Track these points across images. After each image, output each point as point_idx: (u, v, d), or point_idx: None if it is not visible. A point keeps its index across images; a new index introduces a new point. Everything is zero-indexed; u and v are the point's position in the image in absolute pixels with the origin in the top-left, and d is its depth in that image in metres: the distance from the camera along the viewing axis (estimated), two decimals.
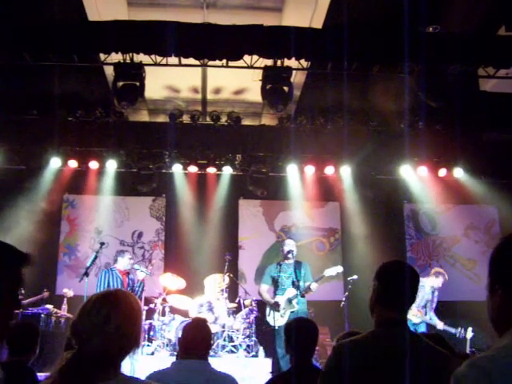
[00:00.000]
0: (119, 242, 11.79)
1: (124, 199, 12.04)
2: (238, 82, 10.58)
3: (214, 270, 9.87)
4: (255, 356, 8.87)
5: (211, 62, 8.48)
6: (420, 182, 11.64)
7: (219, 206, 11.93)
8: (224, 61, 8.36)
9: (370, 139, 10.77)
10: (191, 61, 8.37)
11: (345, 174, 11.39)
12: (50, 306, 9.72)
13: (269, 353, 8.90)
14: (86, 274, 8.17)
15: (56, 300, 10.29)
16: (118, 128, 10.75)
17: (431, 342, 2.86)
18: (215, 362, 5.14)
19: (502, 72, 8.65)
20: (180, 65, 8.57)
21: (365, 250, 11.52)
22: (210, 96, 11.23)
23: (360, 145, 10.79)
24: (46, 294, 10.15)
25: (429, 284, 9.33)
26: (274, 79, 8.57)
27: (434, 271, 9.56)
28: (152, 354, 8.71)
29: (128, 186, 11.56)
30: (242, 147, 11.19)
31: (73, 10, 8.25)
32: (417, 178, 11.56)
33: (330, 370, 2.73)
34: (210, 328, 4.10)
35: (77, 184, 11.61)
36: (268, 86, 8.60)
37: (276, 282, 8.75)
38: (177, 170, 11.45)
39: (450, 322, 10.04)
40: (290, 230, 12.20)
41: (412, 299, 2.86)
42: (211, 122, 10.89)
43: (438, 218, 12.47)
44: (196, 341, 3.89)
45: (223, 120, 10.88)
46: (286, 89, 8.60)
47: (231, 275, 9.63)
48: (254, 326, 9.08)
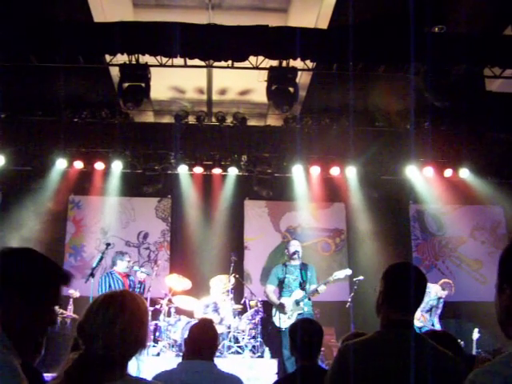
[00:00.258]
0: (125, 243, 11.79)
1: (130, 200, 12.04)
2: (243, 82, 10.58)
3: (219, 271, 9.88)
4: (261, 357, 8.85)
5: (216, 63, 8.48)
6: (426, 182, 11.61)
7: (225, 207, 11.92)
8: (229, 62, 8.36)
9: (376, 140, 10.76)
10: (196, 62, 8.38)
11: (350, 174, 11.36)
12: (55, 307, 9.69)
13: (274, 354, 8.89)
14: (92, 274, 8.18)
15: (62, 301, 10.29)
16: (124, 129, 10.77)
17: (441, 340, 2.86)
18: (221, 362, 5.14)
19: (508, 72, 8.62)
20: (185, 66, 8.57)
21: (370, 251, 11.49)
22: (215, 97, 11.22)
23: (365, 145, 10.78)
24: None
25: (434, 291, 9.29)
26: (280, 80, 8.56)
27: (441, 282, 9.44)
28: (158, 354, 8.72)
29: (134, 186, 11.57)
30: (248, 148, 11.19)
31: (78, 11, 8.25)
32: (422, 179, 11.53)
33: (336, 372, 2.73)
34: (216, 329, 4.10)
35: (82, 185, 11.63)
36: (273, 87, 8.60)
37: (282, 284, 8.76)
38: (182, 170, 11.44)
39: (455, 322, 10.04)
40: (296, 230, 12.18)
41: (419, 301, 2.86)
42: (217, 123, 10.90)
43: (444, 218, 12.43)
44: (202, 342, 3.90)
45: (229, 121, 10.89)
46: (291, 89, 8.60)
47: (237, 276, 9.63)
48: (259, 327, 9.06)
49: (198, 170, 11.40)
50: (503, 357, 1.58)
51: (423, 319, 9.13)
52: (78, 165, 11.08)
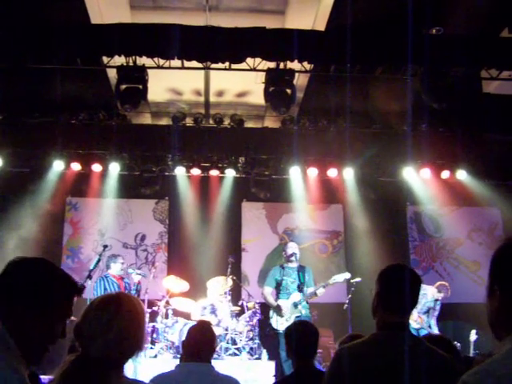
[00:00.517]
0: (122, 245, 11.79)
1: (127, 202, 12.03)
2: (240, 84, 10.58)
3: (217, 273, 9.87)
4: (258, 359, 8.85)
5: (214, 65, 8.48)
6: (423, 184, 11.62)
7: (222, 209, 11.91)
8: (227, 63, 8.36)
9: (373, 141, 10.76)
10: (194, 63, 8.37)
11: (348, 176, 11.37)
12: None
13: (272, 355, 8.87)
14: (90, 276, 8.16)
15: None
16: (121, 131, 10.76)
17: (436, 344, 2.86)
18: (218, 364, 5.14)
19: (504, 74, 8.64)
20: (183, 67, 8.57)
21: (368, 253, 11.49)
22: (212, 99, 11.22)
23: (363, 147, 10.79)
24: None
25: (431, 292, 9.31)
26: (277, 82, 8.56)
27: (438, 284, 9.47)
28: (155, 356, 8.71)
29: (131, 188, 11.56)
30: (245, 150, 11.18)
31: (75, 12, 8.24)
32: (420, 180, 11.54)
33: (332, 375, 2.74)
34: (214, 331, 4.10)
35: (80, 187, 11.62)
36: (271, 89, 8.60)
37: (279, 286, 8.75)
38: (180, 172, 11.45)
39: (453, 324, 10.04)
40: (293, 232, 12.18)
41: (413, 303, 2.87)
42: (214, 125, 10.89)
43: (441, 220, 12.44)
44: (200, 344, 3.89)
45: (226, 122, 10.89)
46: (288, 91, 8.60)
47: (234, 278, 9.63)
48: (257, 329, 9.06)
49: (196, 171, 11.40)
50: (496, 357, 1.59)
51: (420, 321, 9.13)
52: (76, 166, 11.08)
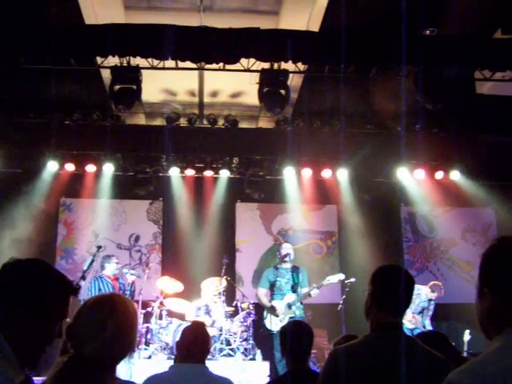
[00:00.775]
0: (116, 246, 11.76)
1: (121, 202, 12.01)
2: (234, 85, 10.58)
3: (211, 273, 9.85)
4: (253, 359, 8.83)
5: (208, 65, 8.47)
6: (417, 184, 11.63)
7: (216, 209, 11.90)
8: (221, 64, 8.34)
9: (367, 142, 10.76)
10: (188, 64, 8.36)
11: (342, 176, 11.38)
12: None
13: (266, 356, 8.87)
14: (83, 277, 8.14)
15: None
16: (115, 131, 10.73)
17: (432, 340, 2.87)
18: (212, 365, 5.13)
19: (498, 75, 8.66)
20: (177, 68, 8.56)
21: (362, 253, 11.50)
22: (206, 99, 11.22)
23: (357, 148, 10.79)
24: None
25: (424, 292, 9.35)
26: (271, 82, 8.57)
27: (431, 284, 9.52)
28: (149, 357, 8.69)
29: (125, 189, 11.53)
30: (239, 150, 11.18)
31: (70, 13, 8.22)
32: (414, 181, 11.55)
33: (327, 376, 2.73)
34: (208, 332, 4.09)
35: (74, 187, 11.58)
36: (265, 89, 8.60)
37: (273, 286, 8.76)
38: (174, 173, 11.43)
39: (447, 324, 10.05)
40: (288, 233, 12.18)
41: (407, 303, 2.86)
42: (208, 125, 10.88)
43: (435, 220, 12.46)
44: (194, 344, 3.89)
45: (220, 123, 10.88)
46: (282, 92, 8.60)
47: (228, 278, 9.62)
48: (251, 330, 9.04)
49: (190, 172, 11.39)
50: (482, 355, 1.60)
51: (415, 321, 9.15)
52: (70, 167, 11.06)
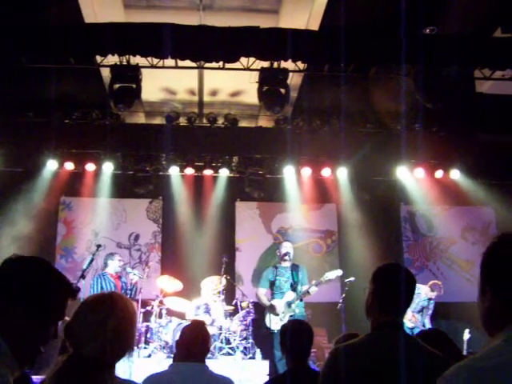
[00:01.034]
0: (116, 245, 11.75)
1: (121, 201, 12.00)
2: (234, 83, 10.57)
3: (210, 272, 9.85)
4: (252, 358, 8.83)
5: (208, 64, 8.47)
6: (417, 183, 11.63)
7: (216, 208, 11.89)
8: (220, 63, 8.35)
9: (367, 141, 10.77)
10: (188, 63, 8.36)
11: (341, 175, 11.38)
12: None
13: (266, 355, 8.87)
14: (83, 276, 8.15)
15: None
16: (115, 130, 10.73)
17: (432, 338, 2.86)
18: (212, 364, 5.12)
19: (497, 74, 8.66)
20: (176, 67, 8.56)
21: (361, 252, 11.48)
22: (206, 98, 11.21)
23: (357, 146, 10.79)
24: None
25: (424, 291, 9.35)
26: (271, 81, 8.56)
27: (431, 283, 9.52)
28: (149, 356, 8.68)
29: (125, 188, 11.53)
30: (239, 149, 11.18)
31: (69, 12, 8.22)
32: (413, 180, 11.55)
33: (327, 376, 2.72)
34: (208, 330, 4.09)
35: (73, 186, 11.58)
36: (265, 88, 8.60)
37: (273, 285, 8.77)
38: (173, 172, 11.43)
39: (446, 323, 10.05)
40: (287, 231, 12.18)
41: (408, 302, 2.85)
42: (208, 124, 10.88)
43: (435, 219, 12.45)
44: (194, 343, 3.88)
45: (220, 122, 10.88)
46: (282, 91, 8.60)
47: (228, 277, 9.61)
48: (251, 328, 9.04)
49: (189, 171, 11.39)
50: (481, 352, 1.60)
51: (414, 320, 9.16)
52: (69, 166, 11.06)
